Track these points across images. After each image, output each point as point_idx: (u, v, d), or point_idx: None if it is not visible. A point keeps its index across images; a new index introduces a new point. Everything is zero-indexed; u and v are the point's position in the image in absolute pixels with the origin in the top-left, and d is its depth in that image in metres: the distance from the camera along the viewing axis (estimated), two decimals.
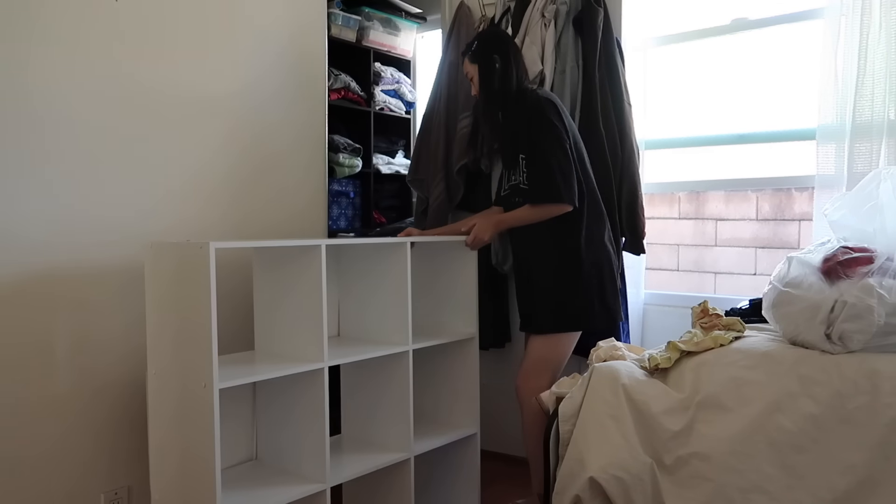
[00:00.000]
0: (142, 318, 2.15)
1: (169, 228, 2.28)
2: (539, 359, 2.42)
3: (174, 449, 1.87)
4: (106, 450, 2.13)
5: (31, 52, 1.94)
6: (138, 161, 2.20)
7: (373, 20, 3.56)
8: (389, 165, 3.72)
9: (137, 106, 2.19)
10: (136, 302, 2.17)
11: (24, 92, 1.94)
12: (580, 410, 2.08)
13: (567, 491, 1.99)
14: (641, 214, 2.91)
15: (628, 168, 2.87)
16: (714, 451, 1.89)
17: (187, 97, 2.33)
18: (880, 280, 1.87)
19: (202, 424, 1.78)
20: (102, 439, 2.12)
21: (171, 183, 2.29)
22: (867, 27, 2.48)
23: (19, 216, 1.94)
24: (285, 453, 2.17)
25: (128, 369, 2.18)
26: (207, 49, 2.37)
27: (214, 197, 2.42)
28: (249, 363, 2.04)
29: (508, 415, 3.25)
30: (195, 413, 1.80)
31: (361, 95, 3.53)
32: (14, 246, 1.94)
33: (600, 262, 2.41)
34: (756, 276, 3.04)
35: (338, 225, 3.48)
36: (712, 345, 2.07)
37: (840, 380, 1.82)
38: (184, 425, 1.84)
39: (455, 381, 2.66)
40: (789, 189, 2.98)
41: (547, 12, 2.94)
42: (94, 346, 2.12)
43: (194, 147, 2.36)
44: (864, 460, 1.74)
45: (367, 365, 2.41)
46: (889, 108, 2.47)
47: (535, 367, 2.42)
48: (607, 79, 2.87)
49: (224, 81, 2.43)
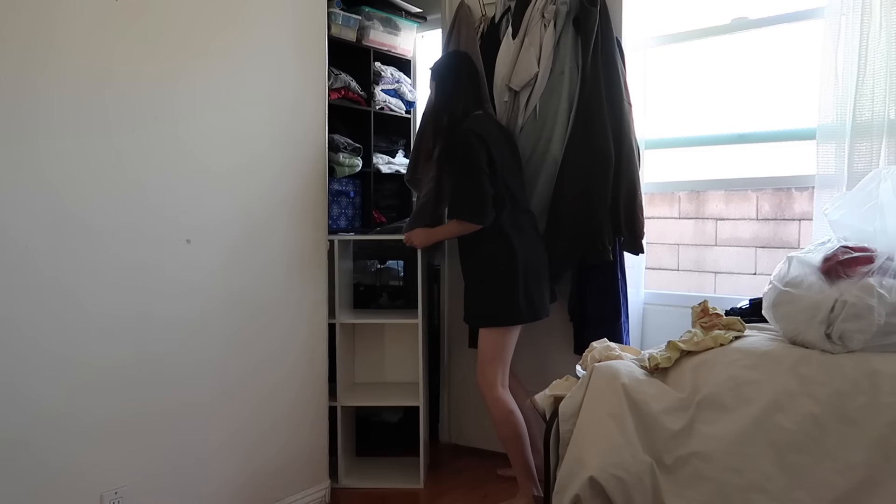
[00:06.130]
0: (141, 318, 2.16)
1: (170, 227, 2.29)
2: (484, 353, 2.73)
3: None
4: (106, 449, 2.13)
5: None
6: (149, 149, 2.20)
7: (373, 20, 3.55)
8: (389, 165, 3.72)
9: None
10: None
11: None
12: (580, 410, 2.08)
13: (567, 490, 1.99)
14: (640, 214, 2.90)
15: (627, 168, 2.86)
16: (714, 451, 1.89)
17: (186, 97, 2.33)
18: (880, 280, 1.87)
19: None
20: (102, 438, 2.12)
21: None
22: (867, 27, 2.48)
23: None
24: None
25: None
26: (207, 49, 2.37)
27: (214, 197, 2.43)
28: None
29: None
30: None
31: (361, 95, 3.53)
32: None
33: (516, 263, 2.65)
34: (756, 276, 3.04)
35: (338, 224, 3.48)
36: (712, 344, 2.07)
37: (840, 379, 1.82)
38: None
39: None
40: (789, 189, 2.98)
41: (547, 13, 2.94)
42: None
43: (195, 147, 2.36)
44: (864, 460, 1.74)
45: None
46: (889, 107, 2.47)
47: (483, 361, 2.73)
48: (607, 79, 2.87)
49: (223, 80, 2.43)
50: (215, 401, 2.41)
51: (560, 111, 2.92)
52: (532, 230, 2.79)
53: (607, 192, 2.83)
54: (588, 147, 2.84)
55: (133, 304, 2.17)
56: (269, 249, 2.59)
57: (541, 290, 2.74)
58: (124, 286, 2.15)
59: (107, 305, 2.10)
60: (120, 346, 2.14)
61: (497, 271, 2.67)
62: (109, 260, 2.10)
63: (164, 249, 2.25)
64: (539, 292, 2.73)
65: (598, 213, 2.83)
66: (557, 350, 3.13)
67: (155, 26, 2.21)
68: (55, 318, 1.99)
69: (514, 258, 2.66)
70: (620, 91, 2.89)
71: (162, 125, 2.24)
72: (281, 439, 2.64)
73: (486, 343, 2.72)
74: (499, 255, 2.67)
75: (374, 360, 3.32)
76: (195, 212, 2.35)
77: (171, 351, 2.27)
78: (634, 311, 3.10)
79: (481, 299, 2.72)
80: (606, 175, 2.82)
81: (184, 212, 2.31)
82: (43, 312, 1.96)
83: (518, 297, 2.65)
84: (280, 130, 2.64)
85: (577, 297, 2.99)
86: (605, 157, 2.82)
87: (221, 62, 2.42)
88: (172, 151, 2.27)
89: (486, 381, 2.71)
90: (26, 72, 1.91)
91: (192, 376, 2.34)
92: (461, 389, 3.44)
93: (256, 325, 2.55)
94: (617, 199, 2.86)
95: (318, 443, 2.81)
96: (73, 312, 2.02)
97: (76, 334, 2.03)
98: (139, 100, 2.17)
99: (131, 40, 2.15)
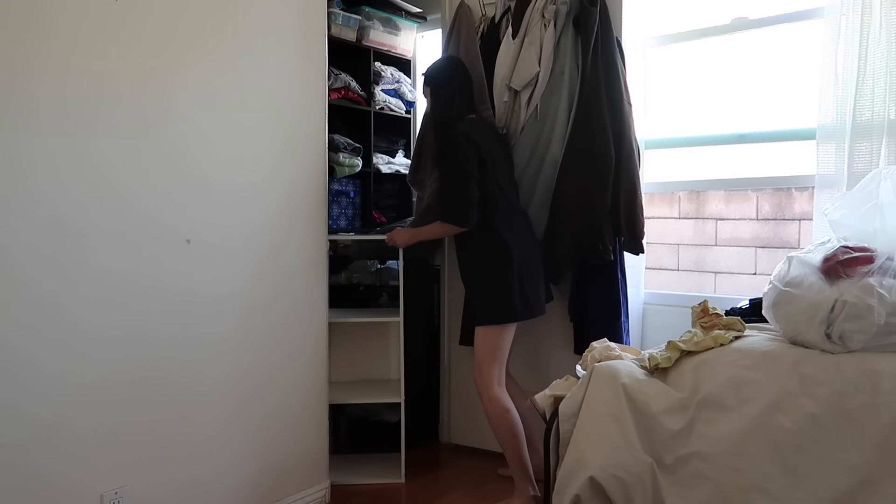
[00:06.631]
0: (142, 318, 2.16)
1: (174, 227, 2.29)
2: (480, 351, 2.75)
3: None
4: (106, 449, 2.13)
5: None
6: (157, 144, 2.20)
7: (373, 20, 3.55)
8: (389, 165, 3.72)
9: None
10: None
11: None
12: (580, 410, 2.08)
13: (567, 490, 1.99)
14: (640, 214, 2.90)
15: (627, 168, 2.86)
16: (714, 451, 1.89)
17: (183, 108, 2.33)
18: (880, 280, 1.87)
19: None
20: (103, 438, 2.12)
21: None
22: (867, 27, 2.48)
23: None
24: None
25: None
26: (205, 48, 2.37)
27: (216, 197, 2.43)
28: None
29: None
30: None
31: (361, 95, 3.53)
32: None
33: (511, 261, 2.69)
34: (756, 276, 3.04)
35: (338, 224, 3.48)
36: (712, 344, 2.07)
37: (840, 379, 1.82)
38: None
39: None
40: (789, 189, 2.98)
41: (547, 12, 2.94)
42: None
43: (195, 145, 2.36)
44: (864, 460, 1.74)
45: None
46: (889, 107, 2.47)
47: (480, 359, 2.75)
48: (607, 79, 2.87)
49: (222, 80, 2.43)
50: (215, 401, 2.41)
51: (560, 111, 2.93)
52: (526, 230, 2.82)
53: (608, 192, 2.82)
54: (588, 147, 2.84)
55: (133, 303, 2.17)
56: (269, 250, 2.59)
57: (536, 288, 2.78)
58: (120, 288, 2.15)
59: (107, 305, 2.10)
60: (120, 344, 2.14)
61: (491, 269, 2.71)
62: (104, 263, 2.10)
63: (162, 250, 2.25)
64: (534, 290, 2.76)
65: (598, 213, 2.82)
66: (557, 350, 3.13)
67: (153, 26, 2.21)
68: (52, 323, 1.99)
69: (509, 256, 2.69)
70: (620, 91, 2.89)
71: (155, 127, 2.23)
72: (281, 439, 2.64)
73: (482, 341, 2.74)
74: (492, 254, 2.71)
75: (355, 357, 3.32)
76: (192, 213, 2.34)
77: (169, 351, 2.27)
78: (634, 311, 3.10)
79: (476, 297, 2.76)
80: (607, 175, 2.82)
81: (180, 214, 2.30)
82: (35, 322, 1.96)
83: (513, 294, 2.68)
84: (280, 130, 2.64)
85: (577, 298, 2.99)
86: (605, 157, 2.82)
87: (220, 62, 2.41)
88: (168, 153, 2.27)
89: (482, 380, 2.74)
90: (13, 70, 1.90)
91: (190, 375, 2.34)
92: (461, 389, 3.44)
93: (256, 325, 2.55)
94: (617, 199, 2.86)
95: (318, 442, 2.81)
96: (70, 313, 2.03)
97: (74, 337, 2.03)
98: (136, 101, 2.17)
99: (127, 40, 2.14)
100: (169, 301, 2.26)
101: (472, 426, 3.41)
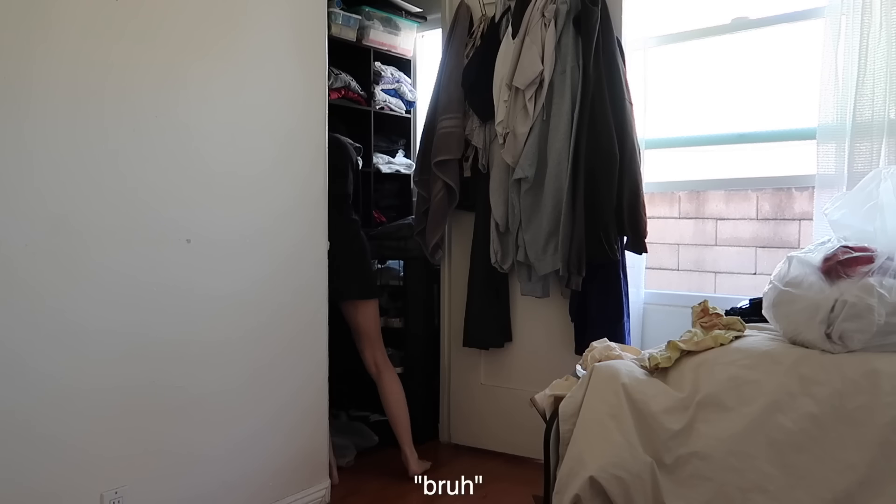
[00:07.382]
0: (141, 318, 2.17)
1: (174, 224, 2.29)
2: (375, 326, 2.89)
3: None
4: (106, 448, 2.13)
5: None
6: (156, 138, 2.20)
7: (373, 19, 3.56)
8: (389, 165, 3.72)
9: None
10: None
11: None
12: (580, 410, 2.08)
13: (567, 490, 1.99)
14: (643, 213, 2.90)
15: (629, 167, 2.86)
16: (714, 451, 1.89)
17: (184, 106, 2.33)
18: (880, 279, 1.87)
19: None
20: (103, 438, 2.12)
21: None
22: (867, 26, 2.48)
23: None
24: None
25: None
26: (205, 48, 2.37)
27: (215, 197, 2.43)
28: None
29: (508, 415, 3.25)
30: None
31: (361, 95, 3.53)
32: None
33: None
34: (756, 276, 3.04)
35: None
36: (712, 344, 2.07)
37: (840, 379, 1.82)
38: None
39: None
40: (789, 188, 2.98)
41: (547, 12, 2.94)
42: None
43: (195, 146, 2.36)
44: (864, 460, 1.74)
45: None
46: (889, 107, 2.47)
47: (375, 335, 2.89)
48: (608, 78, 2.86)
49: (222, 80, 2.43)
50: (215, 401, 2.41)
51: (562, 111, 2.92)
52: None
53: (613, 192, 2.82)
54: (593, 147, 2.83)
55: (132, 304, 2.17)
56: (269, 250, 2.59)
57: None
58: (122, 287, 2.15)
59: (106, 305, 2.10)
60: (121, 344, 2.14)
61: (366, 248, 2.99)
62: (105, 261, 2.10)
63: (164, 251, 2.25)
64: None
65: (605, 213, 2.82)
66: (557, 350, 3.13)
67: (153, 25, 2.21)
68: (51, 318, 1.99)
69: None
70: (622, 90, 2.89)
71: (159, 127, 2.23)
72: (282, 438, 2.64)
73: (375, 315, 2.88)
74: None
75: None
76: (194, 213, 2.34)
77: (170, 352, 2.27)
78: (635, 311, 3.10)
79: (363, 271, 2.92)
80: (612, 175, 2.81)
81: (183, 213, 2.30)
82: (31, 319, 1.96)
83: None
84: (280, 130, 2.63)
85: (579, 298, 2.98)
86: (610, 156, 2.81)
87: (220, 62, 2.41)
88: (169, 152, 2.27)
89: (383, 357, 2.83)
90: (21, 71, 1.91)
91: (191, 378, 2.34)
92: (461, 389, 3.44)
93: (255, 326, 2.54)
94: (620, 198, 2.85)
95: (318, 442, 2.81)
96: (68, 313, 2.03)
97: (71, 333, 2.03)
98: (138, 100, 2.17)
99: (129, 40, 2.14)
100: (170, 301, 2.26)
101: (472, 426, 3.41)
